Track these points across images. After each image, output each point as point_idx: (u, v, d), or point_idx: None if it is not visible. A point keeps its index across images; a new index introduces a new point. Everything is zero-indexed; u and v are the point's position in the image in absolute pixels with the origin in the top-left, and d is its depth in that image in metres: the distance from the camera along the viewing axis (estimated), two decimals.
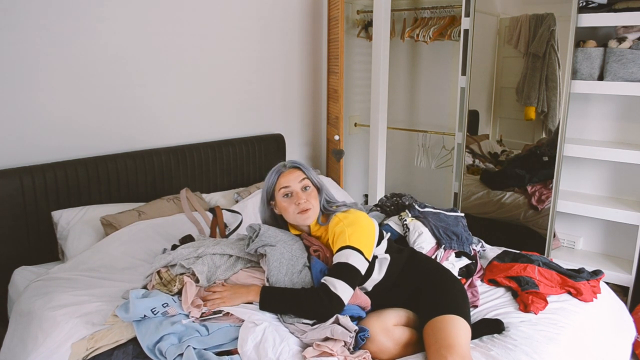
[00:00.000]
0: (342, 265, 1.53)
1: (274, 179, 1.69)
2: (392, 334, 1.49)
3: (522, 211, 2.84)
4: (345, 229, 1.59)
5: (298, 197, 1.65)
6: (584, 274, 1.94)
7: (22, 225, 2.13)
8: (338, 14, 2.95)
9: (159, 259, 1.73)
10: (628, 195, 2.74)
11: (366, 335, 1.46)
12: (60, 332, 1.56)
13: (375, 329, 1.48)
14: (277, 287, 1.58)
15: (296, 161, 1.73)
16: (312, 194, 1.68)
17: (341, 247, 1.57)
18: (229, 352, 1.46)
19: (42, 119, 2.19)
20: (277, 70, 3.10)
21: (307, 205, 1.64)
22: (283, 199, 1.67)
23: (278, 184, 1.68)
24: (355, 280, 1.54)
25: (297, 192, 1.66)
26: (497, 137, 3.04)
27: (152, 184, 2.49)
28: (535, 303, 1.74)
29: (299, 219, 1.67)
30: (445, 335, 1.42)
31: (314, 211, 1.66)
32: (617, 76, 2.48)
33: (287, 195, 1.66)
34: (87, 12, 2.24)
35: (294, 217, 1.67)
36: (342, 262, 1.54)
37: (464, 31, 2.96)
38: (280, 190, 1.67)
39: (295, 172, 1.69)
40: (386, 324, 1.51)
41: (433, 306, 1.54)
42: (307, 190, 1.67)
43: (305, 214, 1.65)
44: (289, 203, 1.66)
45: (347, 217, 1.64)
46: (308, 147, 3.42)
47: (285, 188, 1.66)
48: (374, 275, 1.65)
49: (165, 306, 1.54)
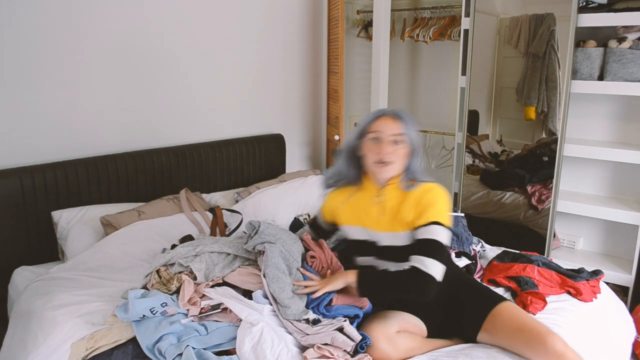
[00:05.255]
0: (433, 243, 1.48)
1: (371, 119, 1.59)
2: (394, 342, 1.47)
3: (522, 211, 2.84)
4: (436, 202, 1.52)
5: (383, 147, 1.54)
6: (584, 274, 1.93)
7: (22, 225, 2.13)
8: (338, 14, 2.95)
9: (158, 258, 1.74)
10: (628, 195, 2.74)
11: (367, 343, 1.44)
12: (60, 331, 1.56)
13: (378, 336, 1.46)
14: (373, 269, 1.56)
15: (402, 113, 1.58)
16: (400, 150, 1.55)
17: (431, 221, 1.50)
18: (227, 351, 1.46)
19: (42, 119, 2.19)
20: (277, 70, 3.10)
21: (388, 158, 1.54)
22: (370, 141, 1.57)
23: (372, 126, 1.57)
24: (444, 258, 1.49)
25: (386, 142, 1.54)
26: (497, 137, 3.04)
27: (152, 184, 2.49)
28: (534, 303, 1.74)
29: (375, 169, 1.58)
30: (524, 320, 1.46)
31: (393, 167, 1.56)
32: (617, 76, 2.48)
33: (375, 139, 1.56)
34: (83, 13, 2.25)
35: (372, 165, 1.57)
36: (432, 240, 1.48)
37: (464, 31, 2.96)
38: (371, 132, 1.57)
39: (393, 123, 1.55)
40: (389, 331, 1.48)
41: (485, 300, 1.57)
42: (396, 145, 1.55)
43: (383, 167, 1.55)
44: (373, 148, 1.56)
45: (437, 189, 1.56)
46: (308, 147, 3.42)
47: (376, 132, 1.56)
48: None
49: (164, 306, 1.55)
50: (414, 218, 1.54)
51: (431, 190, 1.56)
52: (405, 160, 1.58)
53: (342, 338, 1.42)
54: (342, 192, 1.71)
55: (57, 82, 2.21)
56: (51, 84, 2.19)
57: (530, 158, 2.85)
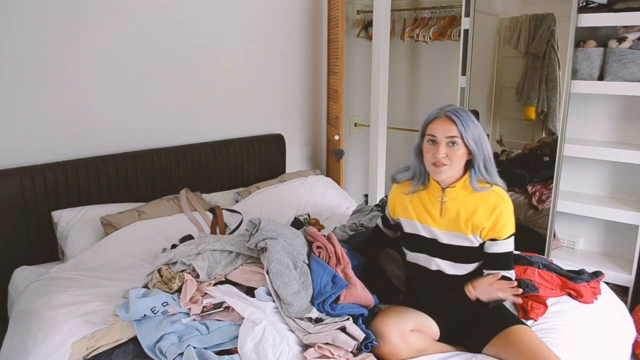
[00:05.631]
0: (512, 256, 1.62)
1: (429, 120, 1.60)
2: (407, 339, 1.46)
3: (522, 211, 2.84)
4: (511, 214, 1.58)
5: (438, 150, 1.54)
6: (584, 276, 1.93)
7: (22, 225, 2.13)
8: (338, 14, 2.95)
9: (160, 257, 1.74)
10: (628, 195, 2.74)
11: (374, 344, 1.44)
12: (60, 331, 1.56)
13: (392, 330, 1.46)
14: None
15: (459, 111, 1.56)
16: (457, 152, 1.54)
17: (511, 234, 1.59)
18: (229, 351, 1.46)
19: (43, 119, 2.19)
20: (277, 70, 3.10)
21: (444, 160, 1.54)
22: (427, 143, 1.58)
23: (429, 127, 1.58)
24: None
25: (441, 144, 1.54)
26: (497, 137, 3.04)
27: (152, 184, 2.49)
28: (534, 309, 1.73)
29: (430, 170, 1.59)
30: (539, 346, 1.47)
31: (449, 170, 1.56)
32: (617, 76, 2.48)
33: (431, 141, 1.57)
34: (83, 13, 2.25)
35: (428, 165, 1.59)
36: (510, 252, 1.61)
37: (464, 31, 2.96)
38: (428, 135, 1.58)
39: (448, 125, 1.54)
40: (403, 327, 1.48)
41: (503, 317, 1.59)
42: (452, 146, 1.54)
43: (437, 168, 1.55)
44: (429, 150, 1.57)
45: (507, 197, 1.60)
46: (308, 147, 3.42)
47: (432, 135, 1.56)
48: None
49: (165, 305, 1.55)
50: (490, 227, 1.58)
51: (504, 200, 1.59)
52: (462, 161, 1.57)
53: (343, 338, 1.41)
54: (406, 185, 1.73)
55: (57, 82, 2.21)
56: (51, 84, 2.19)
57: (530, 158, 2.85)
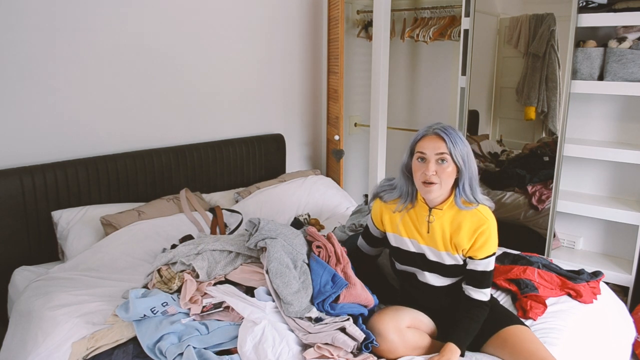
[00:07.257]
0: (488, 275, 1.60)
1: (418, 138, 1.58)
2: (404, 336, 1.48)
3: (522, 211, 2.84)
4: (492, 234, 1.57)
5: (428, 167, 1.52)
6: (584, 276, 1.93)
7: (22, 225, 2.13)
8: (338, 14, 2.95)
9: (159, 257, 1.74)
10: (628, 195, 2.74)
11: (374, 344, 1.45)
12: (60, 331, 1.56)
13: (389, 327, 1.47)
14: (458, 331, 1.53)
15: (447, 128, 1.54)
16: (446, 169, 1.52)
17: (489, 255, 1.58)
18: (228, 351, 1.46)
19: (43, 119, 2.19)
20: (277, 70, 3.10)
21: (433, 178, 1.52)
22: (416, 161, 1.57)
23: (418, 145, 1.57)
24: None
25: (430, 161, 1.53)
26: (497, 137, 3.04)
27: (152, 184, 2.49)
28: (534, 309, 1.74)
29: (420, 189, 1.57)
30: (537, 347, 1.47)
31: (439, 188, 1.54)
32: (617, 76, 2.48)
33: (420, 159, 1.56)
34: (83, 13, 2.25)
35: (418, 183, 1.57)
36: (488, 272, 1.60)
37: (464, 31, 2.96)
38: (417, 152, 1.56)
39: (437, 142, 1.52)
40: (400, 324, 1.49)
41: (502, 317, 1.60)
42: (441, 164, 1.52)
43: (427, 187, 1.53)
44: (419, 168, 1.55)
45: (491, 218, 1.59)
46: (308, 147, 3.42)
47: (421, 153, 1.55)
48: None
49: (164, 305, 1.55)
50: (470, 246, 1.58)
51: (487, 221, 1.57)
52: (451, 179, 1.55)
53: (342, 338, 1.41)
54: (392, 204, 1.70)
55: (57, 82, 2.21)
56: (51, 84, 2.19)
57: (530, 158, 2.85)
